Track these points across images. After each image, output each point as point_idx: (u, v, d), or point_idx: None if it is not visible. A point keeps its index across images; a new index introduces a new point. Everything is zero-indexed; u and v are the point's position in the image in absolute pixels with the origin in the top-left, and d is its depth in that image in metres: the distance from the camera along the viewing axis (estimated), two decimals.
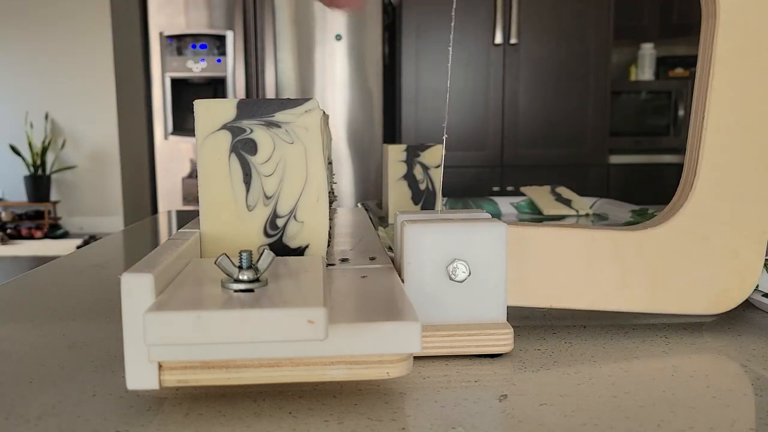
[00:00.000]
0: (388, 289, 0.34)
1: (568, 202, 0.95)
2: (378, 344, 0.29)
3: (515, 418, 0.30)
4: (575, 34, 2.57)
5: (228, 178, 0.38)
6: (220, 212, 0.38)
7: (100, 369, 0.36)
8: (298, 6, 2.45)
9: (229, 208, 0.38)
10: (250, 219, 0.39)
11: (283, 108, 0.38)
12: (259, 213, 0.39)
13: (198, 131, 0.38)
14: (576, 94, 2.60)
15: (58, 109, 4.81)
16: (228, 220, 0.39)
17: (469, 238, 0.36)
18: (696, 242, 0.40)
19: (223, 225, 0.39)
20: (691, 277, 0.40)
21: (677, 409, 0.30)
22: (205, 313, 0.26)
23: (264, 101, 0.38)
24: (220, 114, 0.38)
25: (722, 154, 0.40)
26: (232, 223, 0.39)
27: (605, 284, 0.40)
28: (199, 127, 0.38)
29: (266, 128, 0.38)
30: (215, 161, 0.38)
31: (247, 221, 0.39)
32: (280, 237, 0.39)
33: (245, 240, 0.34)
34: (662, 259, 0.40)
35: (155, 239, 0.87)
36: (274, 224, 0.39)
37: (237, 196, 0.38)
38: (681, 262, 0.40)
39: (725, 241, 0.40)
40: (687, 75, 2.97)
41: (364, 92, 2.52)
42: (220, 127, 0.38)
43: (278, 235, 0.39)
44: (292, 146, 0.38)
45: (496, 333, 0.36)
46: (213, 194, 0.38)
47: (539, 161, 2.61)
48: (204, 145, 0.38)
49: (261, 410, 0.30)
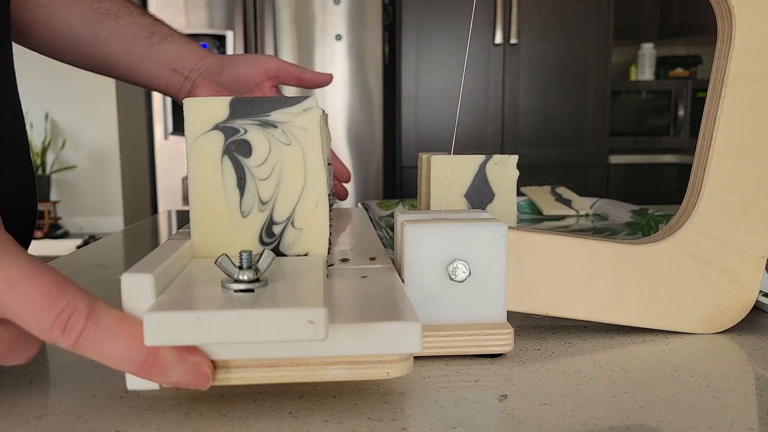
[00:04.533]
0: (388, 289, 0.34)
1: (568, 202, 0.95)
2: (378, 344, 0.29)
3: (515, 418, 0.30)
4: (575, 34, 2.57)
5: (220, 182, 0.36)
6: (212, 219, 0.36)
7: (100, 369, 0.36)
8: (298, 6, 2.45)
9: (222, 215, 0.36)
10: (244, 226, 0.36)
11: (280, 106, 0.36)
12: (254, 219, 0.36)
13: (188, 132, 0.36)
14: (576, 94, 2.60)
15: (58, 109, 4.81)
16: (221, 228, 0.36)
17: (470, 238, 0.36)
18: (695, 261, 0.40)
19: (216, 233, 0.36)
20: (688, 296, 0.40)
21: (677, 409, 0.30)
22: (205, 314, 0.26)
23: (259, 99, 0.36)
24: (212, 113, 0.36)
25: (727, 177, 0.40)
26: (225, 230, 0.36)
27: (603, 296, 0.40)
28: (189, 127, 0.36)
29: (261, 128, 0.36)
30: (207, 164, 0.36)
31: (241, 228, 0.36)
32: (276, 245, 0.37)
33: (239, 248, 0.32)
34: (661, 275, 0.40)
35: (155, 239, 0.87)
36: (270, 231, 0.37)
37: (230, 201, 0.36)
38: (679, 280, 0.40)
39: (724, 263, 0.40)
40: (687, 75, 2.97)
41: (364, 92, 2.52)
42: (212, 127, 0.36)
43: (275, 243, 0.37)
44: (290, 148, 0.36)
45: (496, 333, 0.36)
46: (204, 200, 0.36)
47: (539, 161, 2.61)
48: (194, 147, 0.36)
49: (261, 410, 0.30)
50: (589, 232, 0.78)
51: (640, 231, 0.78)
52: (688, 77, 2.95)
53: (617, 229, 0.80)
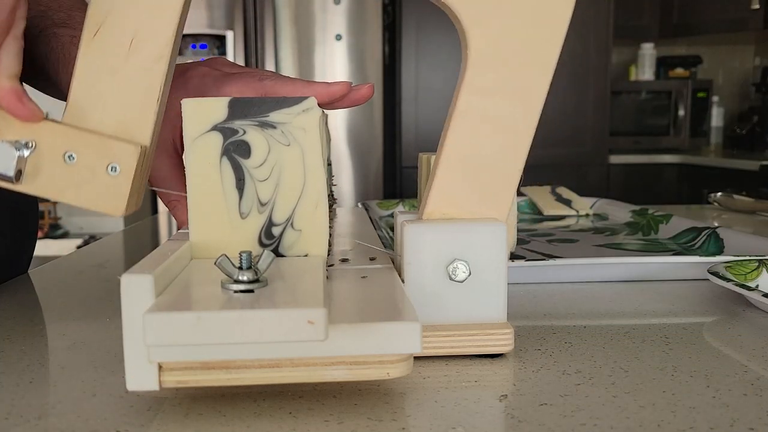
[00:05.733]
0: (388, 290, 0.34)
1: (568, 202, 0.95)
2: (378, 344, 0.29)
3: (515, 418, 0.30)
4: (575, 34, 2.57)
5: (219, 183, 0.36)
6: (211, 220, 0.36)
7: (100, 369, 0.36)
8: (298, 6, 2.45)
9: (221, 216, 0.36)
10: (243, 227, 0.36)
11: (279, 107, 0.36)
12: (253, 221, 0.36)
13: (186, 133, 0.36)
14: (576, 94, 2.60)
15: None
16: (220, 229, 0.36)
17: (470, 238, 0.36)
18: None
19: (215, 234, 0.36)
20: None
21: (677, 409, 0.30)
22: (205, 314, 0.26)
23: (258, 100, 0.36)
24: (210, 114, 0.36)
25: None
26: (224, 232, 0.36)
27: None
28: (187, 128, 0.36)
29: (260, 129, 0.36)
30: (205, 165, 0.36)
31: (240, 230, 0.36)
32: (276, 247, 0.37)
33: (238, 250, 0.31)
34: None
35: (155, 239, 0.87)
36: (269, 233, 0.36)
37: (229, 202, 0.36)
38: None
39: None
40: (687, 75, 2.97)
41: None
42: (210, 128, 0.36)
43: (274, 244, 0.37)
44: (289, 149, 0.36)
45: (496, 333, 0.36)
46: (203, 201, 0.36)
47: (539, 161, 2.60)
48: (193, 148, 0.36)
49: (261, 410, 0.30)
50: (589, 232, 0.78)
51: (640, 231, 0.78)
52: (688, 77, 2.95)
53: (617, 229, 0.80)
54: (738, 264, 0.51)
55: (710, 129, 3.03)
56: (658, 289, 0.53)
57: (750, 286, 0.46)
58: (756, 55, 3.07)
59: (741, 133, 2.91)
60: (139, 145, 0.36)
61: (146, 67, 0.37)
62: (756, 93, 2.92)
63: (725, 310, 0.47)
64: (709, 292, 0.52)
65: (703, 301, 0.49)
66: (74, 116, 0.37)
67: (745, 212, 1.00)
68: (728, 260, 0.52)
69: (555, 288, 0.54)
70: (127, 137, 0.37)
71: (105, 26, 0.36)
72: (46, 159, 0.35)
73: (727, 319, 0.45)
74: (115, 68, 0.37)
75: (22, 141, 0.35)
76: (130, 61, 0.37)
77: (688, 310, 0.47)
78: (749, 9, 2.59)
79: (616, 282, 0.55)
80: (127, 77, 0.37)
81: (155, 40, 0.37)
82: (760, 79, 2.87)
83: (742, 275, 0.50)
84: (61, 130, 0.36)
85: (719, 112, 3.13)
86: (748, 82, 3.07)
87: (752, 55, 3.09)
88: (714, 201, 1.06)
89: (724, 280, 0.46)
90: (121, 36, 0.36)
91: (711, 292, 0.51)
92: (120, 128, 0.37)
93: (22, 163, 0.35)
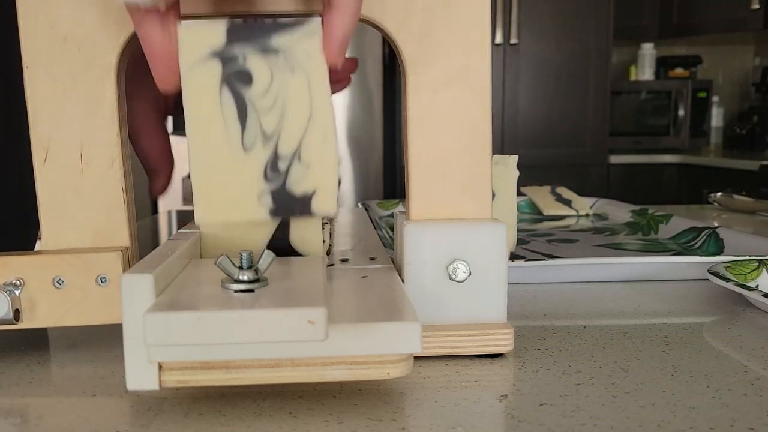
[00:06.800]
0: (388, 290, 0.34)
1: (568, 202, 0.95)
2: (378, 344, 0.29)
3: (515, 418, 0.30)
4: (575, 34, 2.57)
5: (220, 115, 0.33)
6: (212, 156, 0.34)
7: (100, 369, 0.36)
8: None
9: (223, 151, 0.34)
10: (247, 161, 0.34)
11: (281, 29, 0.33)
12: (257, 154, 0.34)
13: (182, 60, 0.33)
14: (576, 94, 2.60)
15: None
16: (222, 165, 0.34)
17: (470, 238, 0.36)
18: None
19: (217, 170, 0.34)
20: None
21: (677, 409, 0.30)
22: (205, 314, 0.26)
23: (258, 23, 0.33)
24: (208, 39, 0.33)
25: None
26: (226, 167, 0.34)
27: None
28: (183, 55, 0.33)
29: (262, 55, 0.33)
30: (204, 96, 0.33)
31: (244, 164, 0.34)
32: (282, 181, 0.34)
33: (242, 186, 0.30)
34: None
35: (155, 239, 0.87)
36: (275, 167, 0.34)
37: (231, 136, 0.33)
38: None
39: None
40: (687, 75, 2.97)
41: (364, 92, 2.52)
42: (208, 54, 0.33)
43: (281, 179, 0.34)
44: (293, 76, 0.33)
45: (496, 333, 0.36)
46: (203, 135, 0.34)
47: (539, 161, 2.61)
48: (190, 77, 0.33)
49: (261, 410, 0.30)
50: (589, 232, 0.78)
51: (640, 231, 0.78)
52: (688, 77, 2.95)
53: (617, 229, 0.80)
54: (738, 264, 0.51)
55: (710, 129, 3.03)
56: (658, 289, 0.53)
57: (750, 286, 0.46)
58: (756, 55, 3.07)
59: (741, 133, 2.92)
60: (119, 250, 0.36)
61: (103, 173, 0.37)
62: (756, 93, 2.92)
63: (725, 310, 0.47)
64: (709, 292, 0.52)
65: (703, 301, 0.49)
66: (51, 242, 0.37)
67: (745, 212, 1.01)
68: (728, 260, 0.52)
69: (555, 288, 0.54)
70: (106, 245, 0.37)
71: (51, 149, 0.36)
72: (38, 291, 0.36)
73: (727, 319, 0.45)
74: (74, 185, 0.37)
75: (9, 281, 0.35)
76: (86, 174, 0.37)
77: (688, 310, 0.47)
78: (749, 9, 2.60)
79: (616, 282, 0.55)
80: (88, 189, 0.37)
81: (103, 145, 0.37)
82: (760, 79, 2.87)
83: (742, 275, 0.50)
84: (44, 260, 0.36)
85: (719, 112, 3.14)
86: (748, 82, 3.07)
87: (752, 55, 3.09)
88: (714, 201, 1.06)
89: (724, 280, 0.46)
90: (70, 153, 0.36)
91: (711, 292, 0.51)
92: (97, 239, 0.37)
93: (17, 302, 0.35)
